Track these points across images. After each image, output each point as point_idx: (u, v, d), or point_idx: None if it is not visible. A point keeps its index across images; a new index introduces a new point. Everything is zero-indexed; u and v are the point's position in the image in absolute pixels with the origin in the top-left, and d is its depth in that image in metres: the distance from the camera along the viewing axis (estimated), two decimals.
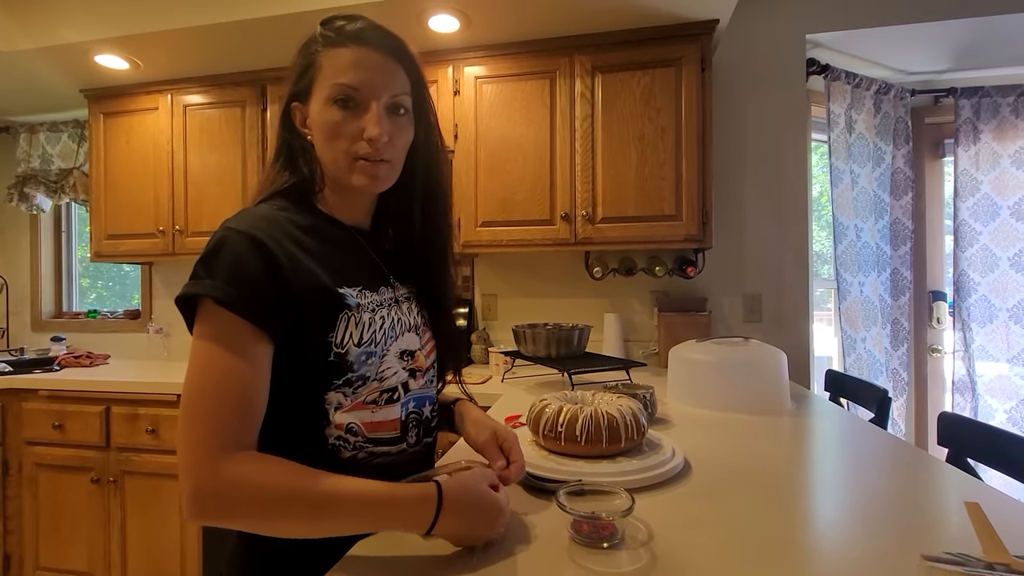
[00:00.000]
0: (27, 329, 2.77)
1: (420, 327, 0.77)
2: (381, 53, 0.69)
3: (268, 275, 0.59)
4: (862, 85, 2.16)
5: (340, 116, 0.66)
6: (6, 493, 1.99)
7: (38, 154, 2.65)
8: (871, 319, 2.17)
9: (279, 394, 0.62)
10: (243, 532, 0.68)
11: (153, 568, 1.87)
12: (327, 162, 0.70)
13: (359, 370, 0.66)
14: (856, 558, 0.59)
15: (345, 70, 0.66)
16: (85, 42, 1.92)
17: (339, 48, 0.67)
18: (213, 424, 0.55)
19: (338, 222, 0.73)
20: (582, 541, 0.62)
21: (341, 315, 0.65)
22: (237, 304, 0.57)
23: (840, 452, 1.02)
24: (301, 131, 0.71)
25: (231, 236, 0.60)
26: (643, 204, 1.79)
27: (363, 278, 0.70)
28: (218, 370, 0.57)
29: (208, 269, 0.59)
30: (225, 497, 0.53)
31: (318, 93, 0.68)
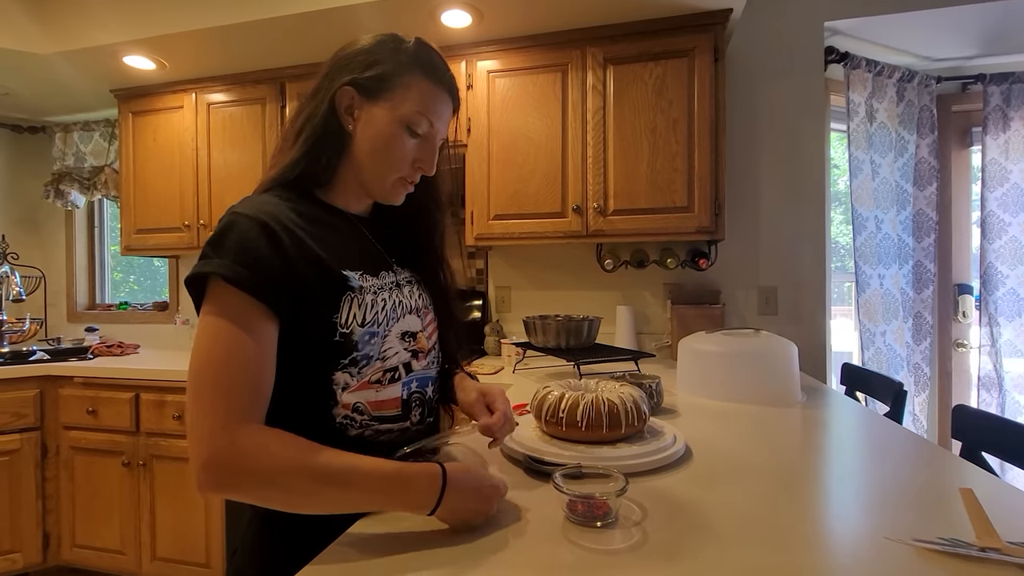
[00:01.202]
0: (63, 320, 2.90)
1: (421, 309, 0.81)
2: (453, 106, 0.78)
3: (275, 255, 0.62)
4: (884, 73, 2.11)
5: (405, 138, 0.73)
6: (45, 475, 2.10)
7: (72, 152, 2.76)
8: (892, 312, 2.13)
9: (288, 376, 0.65)
10: (259, 508, 0.70)
11: (179, 547, 1.96)
12: (368, 166, 0.74)
13: (363, 350, 0.69)
14: (849, 544, 0.60)
15: (432, 107, 0.73)
16: (114, 44, 2.00)
17: (431, 83, 0.73)
18: (225, 395, 0.57)
19: (339, 211, 0.77)
20: (576, 520, 0.64)
21: (344, 296, 0.68)
22: (245, 282, 0.60)
23: (846, 443, 1.02)
24: (343, 117, 0.72)
25: (239, 219, 0.63)
26: (655, 196, 1.79)
27: (364, 263, 0.74)
28: (226, 345, 0.59)
29: (217, 250, 0.61)
30: (239, 467, 0.55)
31: (393, 104, 0.72)
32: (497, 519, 0.64)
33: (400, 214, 0.84)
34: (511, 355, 1.84)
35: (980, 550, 0.55)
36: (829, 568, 0.54)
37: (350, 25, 1.84)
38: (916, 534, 0.59)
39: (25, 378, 2.07)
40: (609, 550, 0.58)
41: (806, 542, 0.60)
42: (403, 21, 1.82)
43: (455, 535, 0.61)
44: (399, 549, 0.58)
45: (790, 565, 0.54)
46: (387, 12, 1.77)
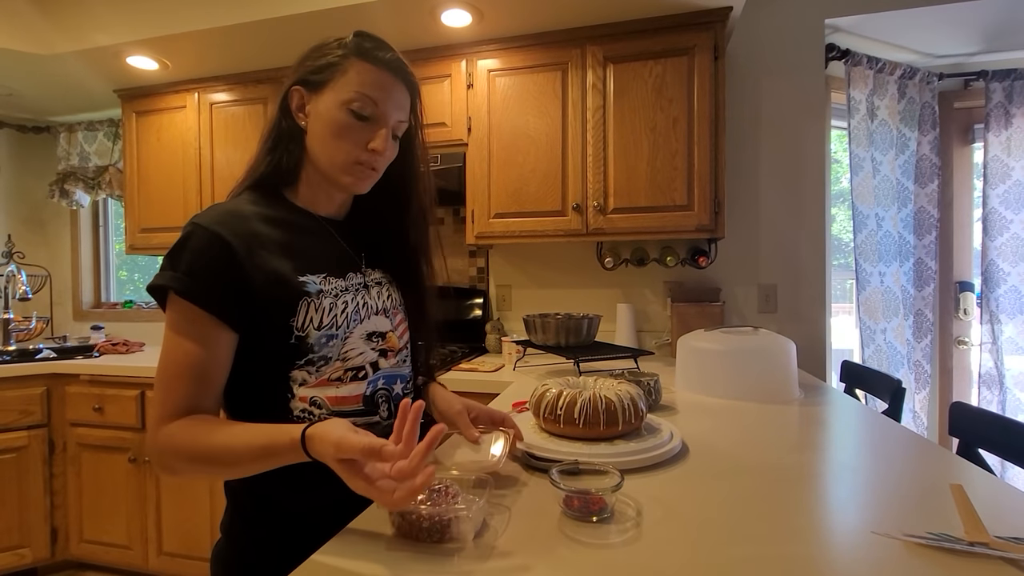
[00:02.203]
0: (69, 318, 2.93)
1: (390, 310, 0.83)
2: (401, 83, 0.77)
3: (225, 267, 0.66)
4: (885, 70, 2.10)
5: (351, 122, 0.73)
6: (53, 471, 2.13)
7: (77, 152, 2.79)
8: (892, 310, 2.13)
9: (248, 372, 0.70)
10: (232, 498, 0.76)
11: (185, 542, 1.99)
12: (321, 156, 0.75)
13: (320, 351, 0.71)
14: (840, 537, 0.61)
15: (370, 86, 0.73)
16: (117, 44, 2.02)
17: (369, 64, 0.74)
18: (164, 399, 0.64)
19: (308, 213, 0.79)
20: (572, 515, 0.66)
21: (301, 301, 0.70)
22: (195, 294, 0.64)
23: (842, 440, 1.03)
24: (295, 115, 0.76)
25: (194, 231, 0.67)
26: (654, 194, 1.80)
27: (329, 265, 0.76)
28: (174, 353, 0.65)
29: (173, 262, 0.66)
30: (161, 456, 0.64)
31: (335, 92, 0.73)
32: (493, 513, 0.66)
33: (374, 214, 0.86)
34: (511, 353, 1.85)
35: (968, 544, 0.56)
36: (817, 560, 0.55)
37: (351, 25, 1.84)
38: (907, 529, 0.60)
39: (32, 376, 2.10)
40: (604, 544, 0.59)
41: (798, 536, 0.61)
42: (403, 20, 1.82)
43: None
44: (394, 545, 0.59)
45: (780, 557, 0.55)
46: (388, 11, 1.78)
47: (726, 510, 0.67)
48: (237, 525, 0.74)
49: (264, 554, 0.70)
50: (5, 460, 2.04)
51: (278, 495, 0.72)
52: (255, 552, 0.71)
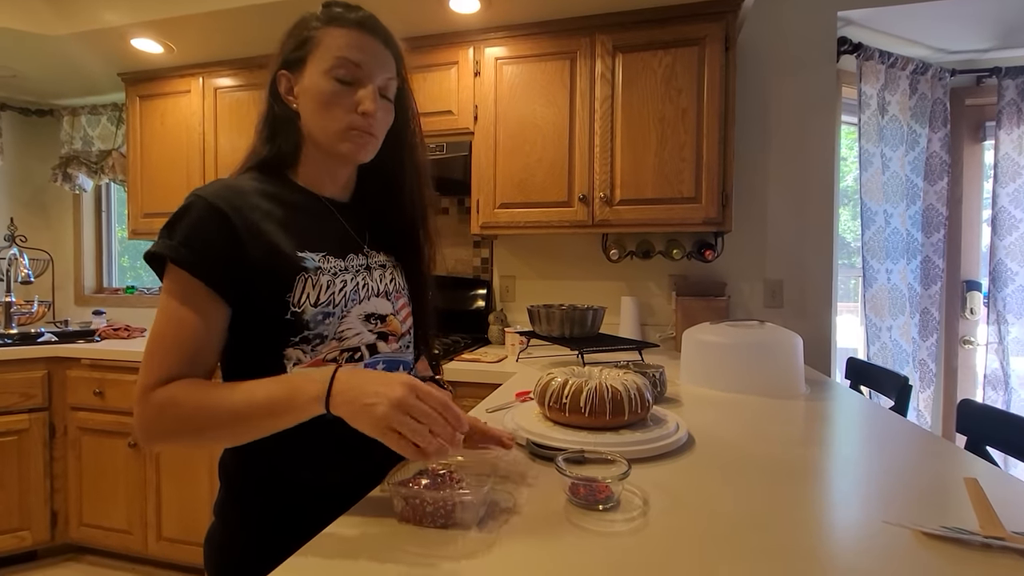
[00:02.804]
0: (71, 303, 2.92)
1: (392, 293, 0.81)
2: (378, 41, 0.75)
3: (223, 239, 0.65)
4: (897, 65, 2.08)
5: (337, 88, 0.72)
6: (53, 454, 2.13)
7: (80, 136, 2.77)
8: (898, 307, 2.11)
9: (243, 348, 0.69)
10: (226, 480, 0.74)
11: (184, 528, 1.99)
12: (315, 129, 0.74)
13: (315, 329, 0.70)
14: (849, 528, 0.60)
15: (347, 48, 0.72)
16: (122, 26, 1.99)
17: (341, 28, 0.73)
18: (152, 366, 0.63)
19: (311, 193, 0.78)
20: (578, 503, 0.65)
21: (298, 276, 0.69)
22: (190, 264, 0.63)
23: (849, 435, 1.02)
24: (286, 99, 0.75)
25: (195, 203, 0.66)
26: (662, 186, 1.78)
27: (329, 245, 0.75)
28: (168, 320, 0.64)
29: (171, 232, 0.65)
30: (147, 423, 0.62)
31: (315, 64, 0.73)
32: (500, 501, 0.65)
33: (374, 195, 0.84)
34: (515, 344, 1.84)
35: (983, 538, 0.54)
36: (827, 550, 0.54)
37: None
38: (918, 522, 0.59)
39: (33, 359, 2.09)
40: (611, 532, 0.58)
41: (806, 526, 0.60)
42: (411, 6, 1.80)
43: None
44: (396, 530, 0.58)
45: (789, 547, 0.54)
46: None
47: (734, 500, 0.66)
48: (231, 507, 0.73)
49: (258, 537, 0.69)
50: (6, 443, 2.04)
51: (274, 476, 0.71)
52: (249, 535, 0.70)
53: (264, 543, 0.68)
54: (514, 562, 0.52)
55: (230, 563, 0.71)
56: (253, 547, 0.69)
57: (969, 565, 0.51)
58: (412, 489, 0.59)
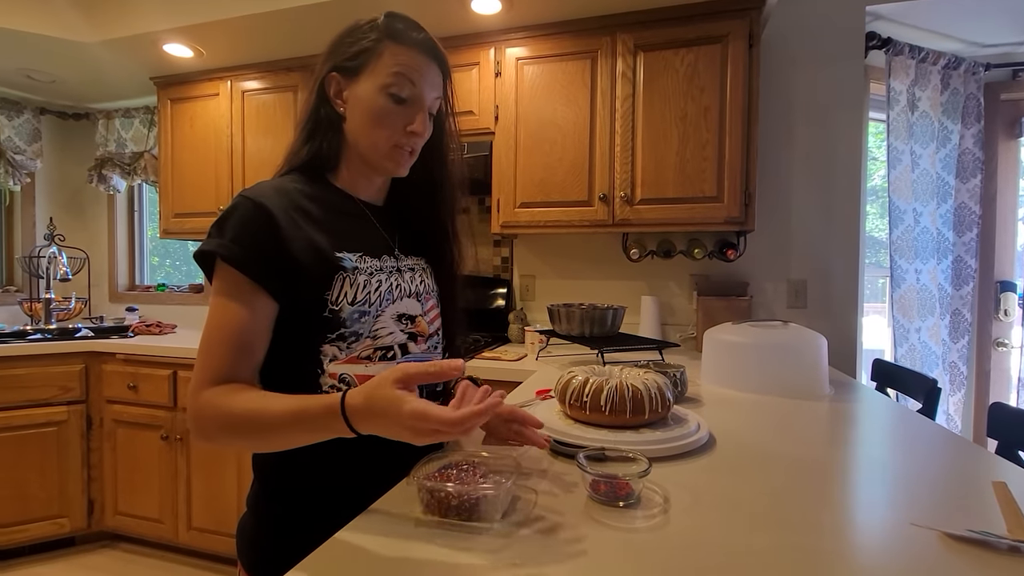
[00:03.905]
0: (105, 300, 3.03)
1: (423, 295, 0.83)
2: (435, 64, 0.78)
3: (269, 237, 0.67)
4: (928, 59, 2.02)
5: (390, 106, 0.75)
6: (90, 445, 2.22)
7: (114, 139, 2.87)
8: (928, 308, 2.06)
9: (281, 345, 0.71)
10: (259, 473, 0.77)
11: (214, 518, 2.05)
12: (362, 141, 0.76)
13: (352, 327, 0.72)
14: (875, 530, 0.60)
15: (406, 68, 0.75)
16: (155, 32, 2.06)
17: (404, 47, 0.75)
18: (205, 364, 0.65)
19: (348, 196, 0.80)
20: (599, 499, 0.66)
21: (336, 275, 0.71)
22: (240, 261, 0.66)
23: (875, 436, 1.00)
24: (334, 102, 0.77)
25: (241, 203, 0.68)
26: (683, 185, 1.77)
27: (365, 246, 0.77)
28: (220, 318, 0.66)
29: (220, 230, 0.68)
30: (197, 422, 0.64)
31: (372, 77, 0.74)
32: (520, 495, 0.66)
33: (408, 200, 0.87)
34: (534, 342, 1.85)
35: (1011, 542, 0.54)
36: (852, 551, 0.54)
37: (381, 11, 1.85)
38: (944, 525, 0.58)
39: (72, 353, 2.18)
40: (631, 528, 0.59)
41: (831, 527, 0.60)
42: (433, 7, 1.82)
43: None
44: (421, 523, 0.60)
45: (813, 548, 0.54)
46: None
47: (756, 500, 0.66)
48: (263, 500, 0.76)
49: (289, 529, 0.72)
50: (47, 434, 2.13)
51: (306, 471, 0.73)
52: (280, 527, 0.73)
53: (296, 535, 0.70)
54: (537, 555, 0.53)
55: (263, 554, 0.73)
56: (285, 539, 0.71)
57: (996, 569, 0.51)
58: (437, 483, 0.61)
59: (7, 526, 2.07)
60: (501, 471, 0.68)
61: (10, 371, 2.07)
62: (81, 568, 2.12)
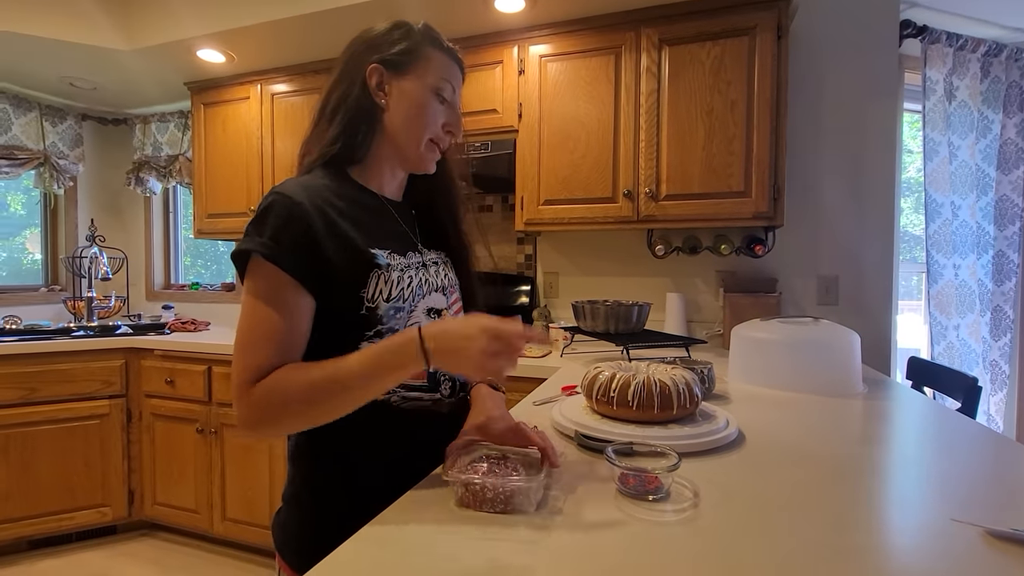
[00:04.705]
0: (142, 298, 3.14)
1: (447, 288, 0.85)
2: (461, 74, 0.85)
3: (306, 235, 0.68)
4: (967, 47, 1.95)
5: (435, 103, 0.80)
6: (130, 438, 2.31)
7: (150, 142, 2.97)
8: (967, 305, 1.99)
9: (319, 342, 0.71)
10: (296, 466, 0.77)
11: (247, 510, 2.11)
12: (402, 131, 0.79)
13: (388, 323, 0.73)
14: (913, 527, 0.58)
15: (449, 74, 0.81)
16: (190, 38, 2.13)
17: (444, 56, 0.81)
18: (246, 364, 0.65)
19: (372, 192, 0.81)
20: (627, 493, 0.66)
21: (372, 273, 0.72)
22: (280, 259, 0.66)
23: (911, 434, 0.98)
24: (375, 92, 0.78)
25: (278, 200, 0.68)
26: (710, 180, 1.75)
27: (392, 242, 0.78)
28: (257, 316, 0.66)
29: (258, 228, 0.68)
30: (257, 412, 0.64)
31: (420, 76, 0.79)
32: (551, 487, 0.67)
33: (422, 197, 0.89)
34: (559, 339, 1.86)
35: None
36: (892, 548, 0.53)
37: (409, 14, 1.87)
38: (988, 523, 0.57)
39: (112, 349, 2.27)
40: (661, 522, 0.59)
41: (867, 524, 0.59)
42: (458, 7, 1.84)
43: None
44: (456, 515, 0.61)
45: (850, 545, 0.54)
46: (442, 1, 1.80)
47: (789, 496, 0.66)
48: (300, 493, 0.76)
49: (330, 519, 0.72)
50: (90, 426, 2.22)
51: (346, 461, 0.74)
52: (322, 517, 0.73)
53: (337, 525, 0.71)
54: (572, 546, 0.54)
55: (306, 545, 0.73)
56: (327, 529, 0.71)
57: None
58: (473, 476, 0.62)
59: (56, 513, 2.17)
60: (531, 464, 0.68)
61: (56, 366, 2.17)
62: (122, 555, 2.21)
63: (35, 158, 2.75)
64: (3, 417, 2.09)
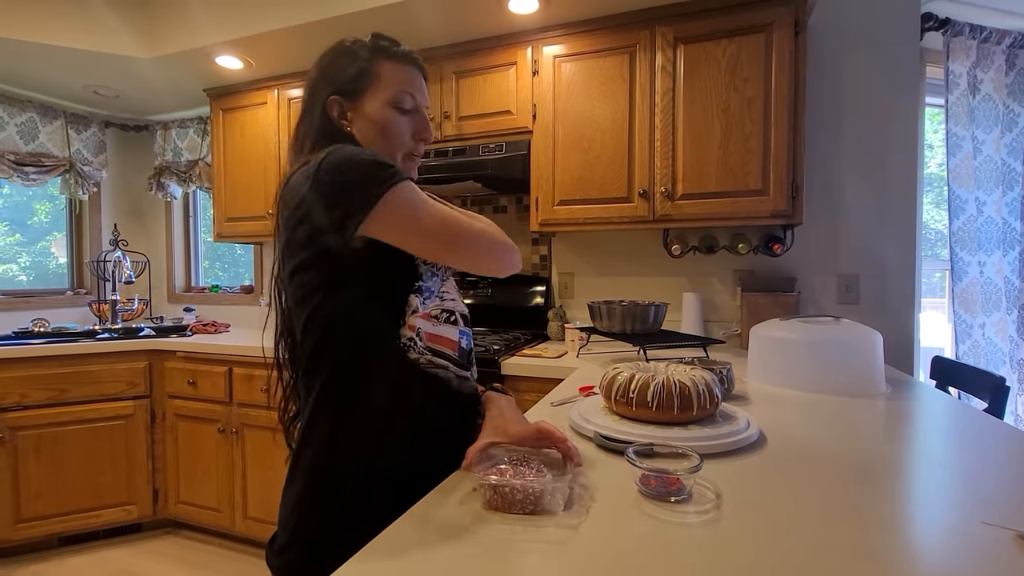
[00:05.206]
0: (164, 300, 3.21)
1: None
2: (421, 74, 0.86)
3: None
4: (991, 39, 1.91)
5: (397, 117, 0.82)
6: (154, 438, 2.36)
7: (171, 148, 3.03)
8: (993, 303, 1.95)
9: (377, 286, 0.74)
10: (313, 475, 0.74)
11: (267, 509, 2.14)
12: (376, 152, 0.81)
13: (426, 281, 0.78)
14: (942, 528, 0.58)
15: (405, 83, 0.82)
16: (209, 45, 2.17)
17: (396, 63, 0.82)
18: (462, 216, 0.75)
19: None
20: (649, 494, 0.66)
21: None
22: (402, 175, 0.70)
23: (938, 435, 0.96)
24: (338, 123, 0.81)
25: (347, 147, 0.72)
26: (726, 179, 1.73)
27: None
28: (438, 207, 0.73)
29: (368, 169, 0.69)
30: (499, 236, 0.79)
31: (376, 95, 0.80)
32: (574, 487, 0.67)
33: None
34: (574, 340, 1.85)
35: None
36: (918, 549, 0.53)
37: (423, 17, 1.90)
38: (1020, 526, 0.56)
39: (136, 351, 2.32)
40: (684, 523, 0.59)
41: (893, 525, 0.58)
42: (471, 9, 1.85)
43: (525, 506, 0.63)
44: (484, 516, 0.62)
45: (877, 545, 0.53)
46: (456, 0, 1.80)
47: (814, 497, 0.65)
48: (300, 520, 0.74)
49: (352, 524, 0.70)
50: (116, 426, 2.28)
51: (367, 466, 0.73)
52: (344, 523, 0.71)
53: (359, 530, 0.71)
54: (599, 547, 0.54)
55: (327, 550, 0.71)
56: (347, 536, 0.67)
57: None
58: (502, 479, 0.62)
59: (85, 511, 2.23)
60: (553, 464, 0.69)
61: (83, 367, 2.23)
62: (147, 553, 2.26)
63: (61, 165, 2.83)
64: (35, 417, 2.15)
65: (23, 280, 2.94)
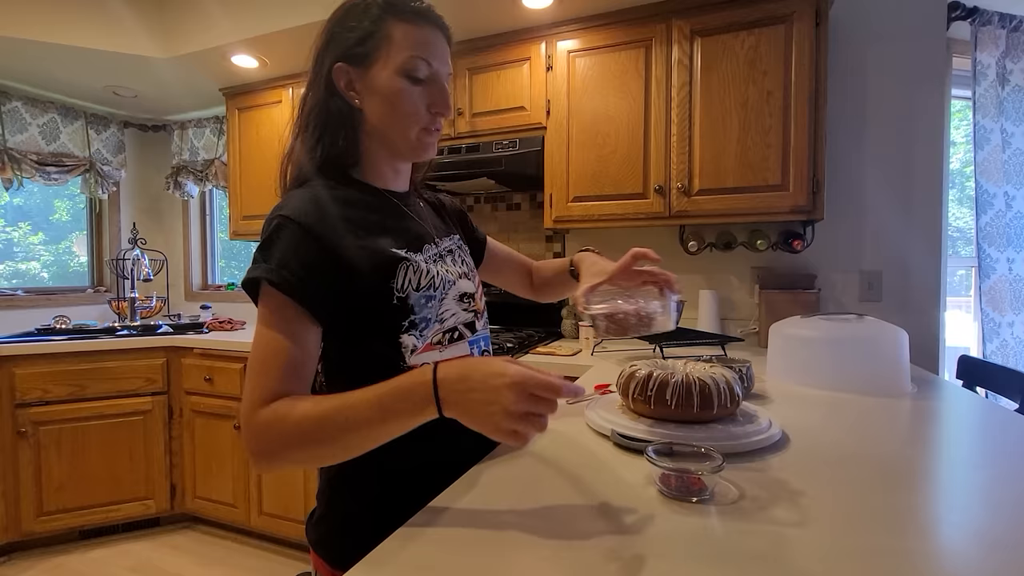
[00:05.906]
0: (181, 298, 3.25)
1: (470, 272, 0.84)
2: (442, 34, 0.74)
3: (317, 255, 0.64)
4: (1021, 28, 1.85)
5: (409, 87, 0.71)
6: (171, 433, 2.39)
7: (187, 147, 3.07)
8: (1022, 301, 1.89)
9: (361, 344, 0.70)
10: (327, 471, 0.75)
11: (282, 504, 2.16)
12: (389, 131, 0.73)
13: (420, 312, 0.71)
14: (978, 537, 0.55)
15: (418, 46, 0.70)
16: (225, 45, 2.19)
17: (410, 23, 0.70)
18: (259, 384, 0.61)
19: (378, 190, 0.77)
20: (670, 494, 0.64)
21: (400, 264, 0.70)
22: (287, 285, 0.63)
23: (965, 436, 0.93)
24: (346, 94, 0.72)
25: (283, 224, 0.65)
26: (745, 174, 1.70)
27: (408, 238, 0.75)
28: (267, 345, 0.63)
29: (265, 255, 0.64)
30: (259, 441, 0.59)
31: (385, 62, 0.70)
32: (589, 489, 0.65)
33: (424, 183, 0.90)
34: (589, 337, 1.84)
35: None
36: (951, 554, 0.50)
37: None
38: None
39: (154, 348, 2.35)
40: (706, 524, 0.57)
41: (922, 529, 0.56)
42: (485, 5, 1.83)
43: (545, 507, 0.62)
44: (490, 519, 0.61)
45: (907, 549, 0.51)
46: None
47: (839, 499, 0.63)
48: (334, 494, 0.74)
49: (373, 515, 0.70)
50: (134, 422, 2.31)
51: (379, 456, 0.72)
52: (364, 516, 0.71)
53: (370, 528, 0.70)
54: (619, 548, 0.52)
55: (348, 543, 0.70)
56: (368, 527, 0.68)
57: None
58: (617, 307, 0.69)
59: (104, 505, 2.27)
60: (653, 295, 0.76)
61: (103, 364, 2.26)
62: (165, 546, 2.29)
63: (81, 164, 2.87)
64: (57, 413, 2.19)
65: (45, 277, 3.00)
